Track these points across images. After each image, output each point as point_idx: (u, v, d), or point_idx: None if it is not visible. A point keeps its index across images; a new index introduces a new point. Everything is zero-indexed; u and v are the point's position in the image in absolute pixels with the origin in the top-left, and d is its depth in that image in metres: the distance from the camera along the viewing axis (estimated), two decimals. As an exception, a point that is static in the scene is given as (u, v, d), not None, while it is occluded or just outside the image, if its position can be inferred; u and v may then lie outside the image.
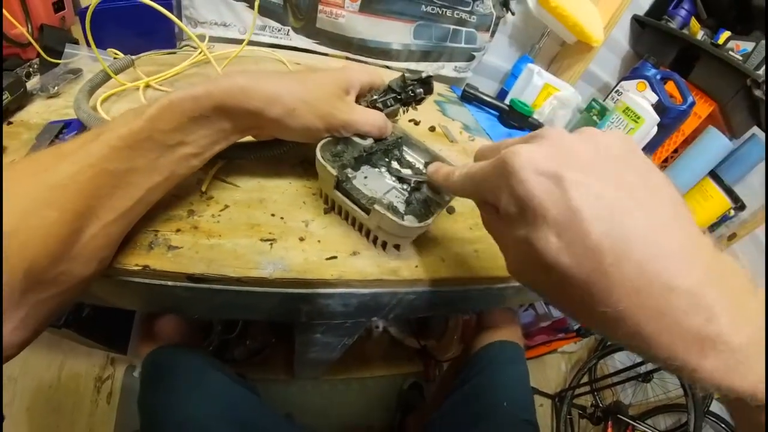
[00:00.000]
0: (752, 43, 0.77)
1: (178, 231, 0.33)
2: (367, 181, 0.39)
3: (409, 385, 1.13)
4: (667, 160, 0.89)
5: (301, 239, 0.36)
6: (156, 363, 0.54)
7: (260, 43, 0.76)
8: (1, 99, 0.41)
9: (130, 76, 0.53)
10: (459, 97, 0.87)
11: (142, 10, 0.47)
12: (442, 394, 0.71)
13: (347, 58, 0.83)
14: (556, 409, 1.20)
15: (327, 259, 0.35)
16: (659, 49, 0.89)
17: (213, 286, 0.32)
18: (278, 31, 0.77)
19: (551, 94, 0.84)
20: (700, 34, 0.90)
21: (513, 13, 0.85)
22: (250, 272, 0.32)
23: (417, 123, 0.64)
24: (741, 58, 0.78)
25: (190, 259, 0.31)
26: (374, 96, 0.39)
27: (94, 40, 0.45)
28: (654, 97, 0.77)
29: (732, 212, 0.78)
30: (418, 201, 0.37)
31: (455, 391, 0.64)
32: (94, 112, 0.42)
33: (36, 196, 0.24)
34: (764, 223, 0.77)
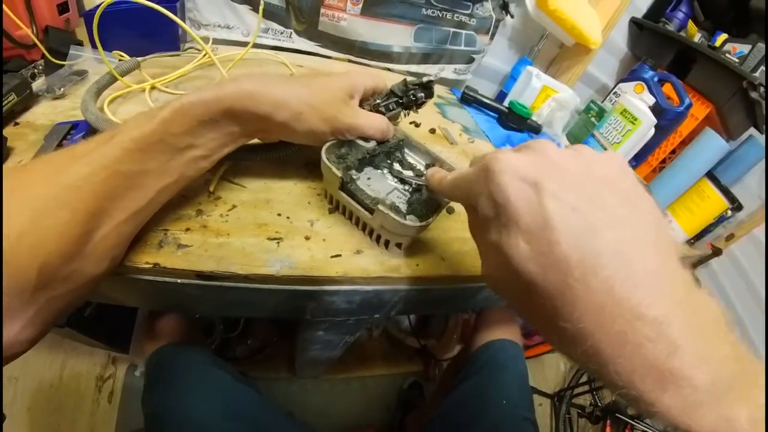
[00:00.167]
0: (749, 46, 0.78)
1: (188, 230, 0.34)
2: (371, 182, 0.40)
3: (409, 385, 1.13)
4: (665, 161, 0.90)
5: (307, 238, 0.37)
6: (160, 362, 0.54)
7: (263, 46, 0.76)
8: (1, 105, 0.41)
9: (135, 78, 0.53)
10: (459, 99, 0.87)
11: (147, 12, 0.47)
12: (441, 393, 0.72)
13: (349, 61, 0.84)
14: (555, 408, 1.20)
15: (332, 257, 0.36)
16: (657, 51, 0.90)
17: (222, 284, 0.33)
18: (281, 33, 0.77)
19: (550, 96, 0.84)
20: (698, 37, 0.91)
21: (512, 16, 0.86)
22: (258, 270, 0.33)
23: (418, 125, 0.65)
24: (738, 60, 0.78)
25: (200, 257, 0.32)
26: (377, 100, 0.40)
27: (99, 41, 0.45)
28: (651, 99, 0.78)
29: (729, 213, 0.78)
30: (420, 201, 0.38)
31: (455, 390, 0.65)
32: (102, 114, 0.43)
33: (50, 197, 0.24)
34: (764, 223, 0.77)
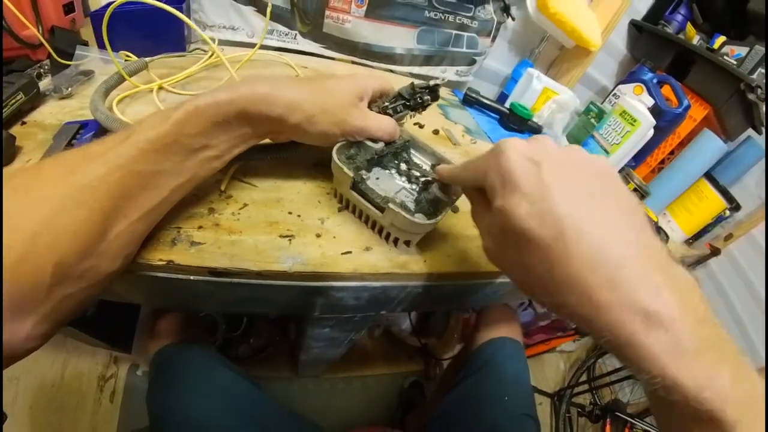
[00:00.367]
0: (746, 48, 0.79)
1: (200, 228, 0.35)
2: (379, 181, 0.41)
3: (410, 384, 1.13)
4: (664, 162, 0.91)
5: (318, 235, 0.38)
6: (164, 360, 0.54)
7: (268, 47, 0.77)
8: (1, 106, 0.41)
9: (142, 79, 0.53)
10: (461, 101, 0.88)
11: (154, 13, 0.48)
12: (442, 392, 0.72)
13: (353, 62, 0.84)
14: (555, 407, 1.20)
15: (342, 253, 0.37)
16: (656, 53, 0.91)
17: (234, 280, 0.33)
18: (285, 35, 0.78)
19: (550, 98, 0.85)
20: (696, 39, 0.92)
21: (513, 19, 0.87)
22: (270, 266, 0.33)
23: (421, 126, 0.66)
24: (735, 62, 0.79)
25: (212, 254, 0.33)
26: (385, 102, 0.41)
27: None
28: (650, 101, 0.79)
29: (727, 213, 0.79)
30: (427, 200, 0.39)
31: (455, 389, 0.65)
32: (111, 114, 0.43)
33: (66, 196, 0.25)
34: (762, 223, 0.78)
